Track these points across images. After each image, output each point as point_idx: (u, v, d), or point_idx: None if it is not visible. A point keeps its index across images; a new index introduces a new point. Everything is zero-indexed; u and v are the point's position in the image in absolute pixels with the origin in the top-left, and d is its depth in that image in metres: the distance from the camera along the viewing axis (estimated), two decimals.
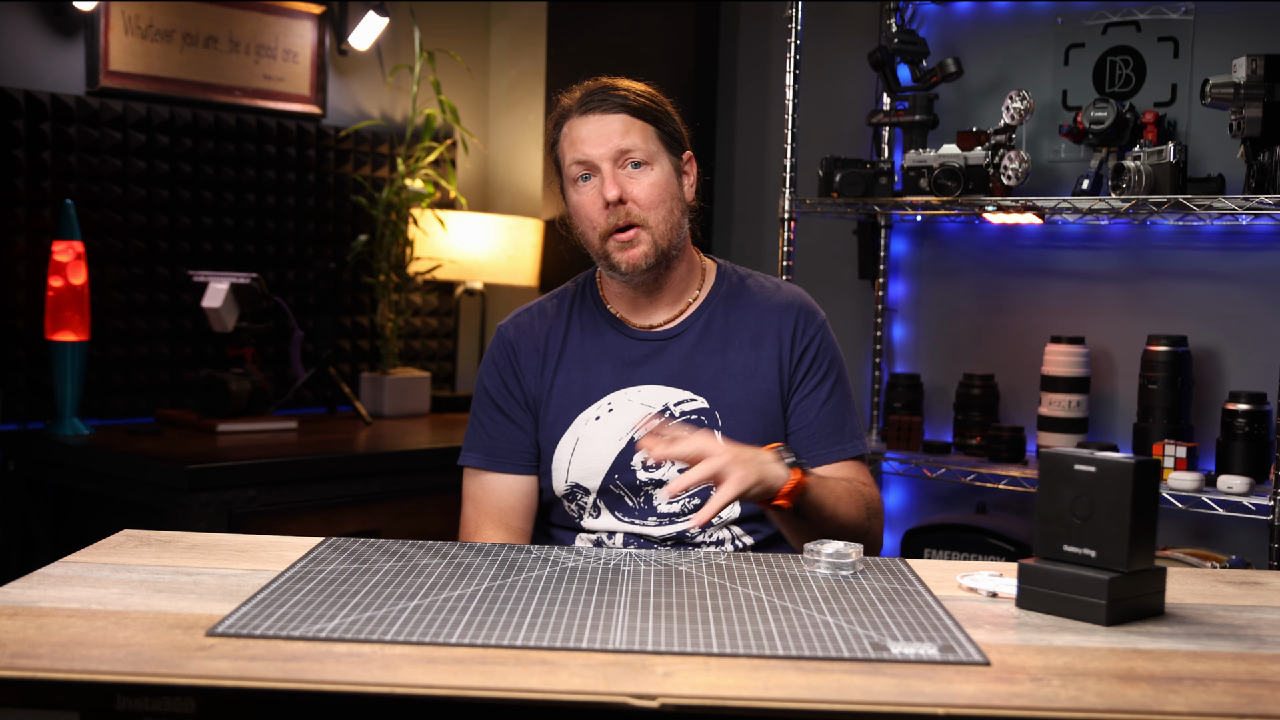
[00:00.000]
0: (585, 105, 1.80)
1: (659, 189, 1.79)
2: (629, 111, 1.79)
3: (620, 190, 1.76)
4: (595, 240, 1.80)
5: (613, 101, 1.79)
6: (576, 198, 1.81)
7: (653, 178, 1.79)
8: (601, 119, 1.79)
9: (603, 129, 1.78)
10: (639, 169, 1.79)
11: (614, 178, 1.77)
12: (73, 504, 3.05)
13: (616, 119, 1.79)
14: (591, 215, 1.79)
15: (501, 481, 1.86)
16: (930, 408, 3.23)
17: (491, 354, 1.91)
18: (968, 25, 3.19)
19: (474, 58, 4.05)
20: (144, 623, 1.23)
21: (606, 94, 1.80)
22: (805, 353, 1.86)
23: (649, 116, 1.81)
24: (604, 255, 1.80)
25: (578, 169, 1.80)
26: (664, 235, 1.79)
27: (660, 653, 1.18)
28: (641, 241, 1.78)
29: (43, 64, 3.10)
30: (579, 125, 1.80)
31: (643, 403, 1.82)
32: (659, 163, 1.80)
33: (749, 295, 1.90)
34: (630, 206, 1.77)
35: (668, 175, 1.81)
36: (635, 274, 1.80)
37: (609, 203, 1.76)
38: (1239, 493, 2.53)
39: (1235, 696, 1.10)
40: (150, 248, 3.27)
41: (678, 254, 1.85)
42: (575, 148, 1.79)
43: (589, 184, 1.79)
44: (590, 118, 1.79)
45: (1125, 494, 1.32)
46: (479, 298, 3.98)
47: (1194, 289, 2.85)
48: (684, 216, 1.85)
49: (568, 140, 1.81)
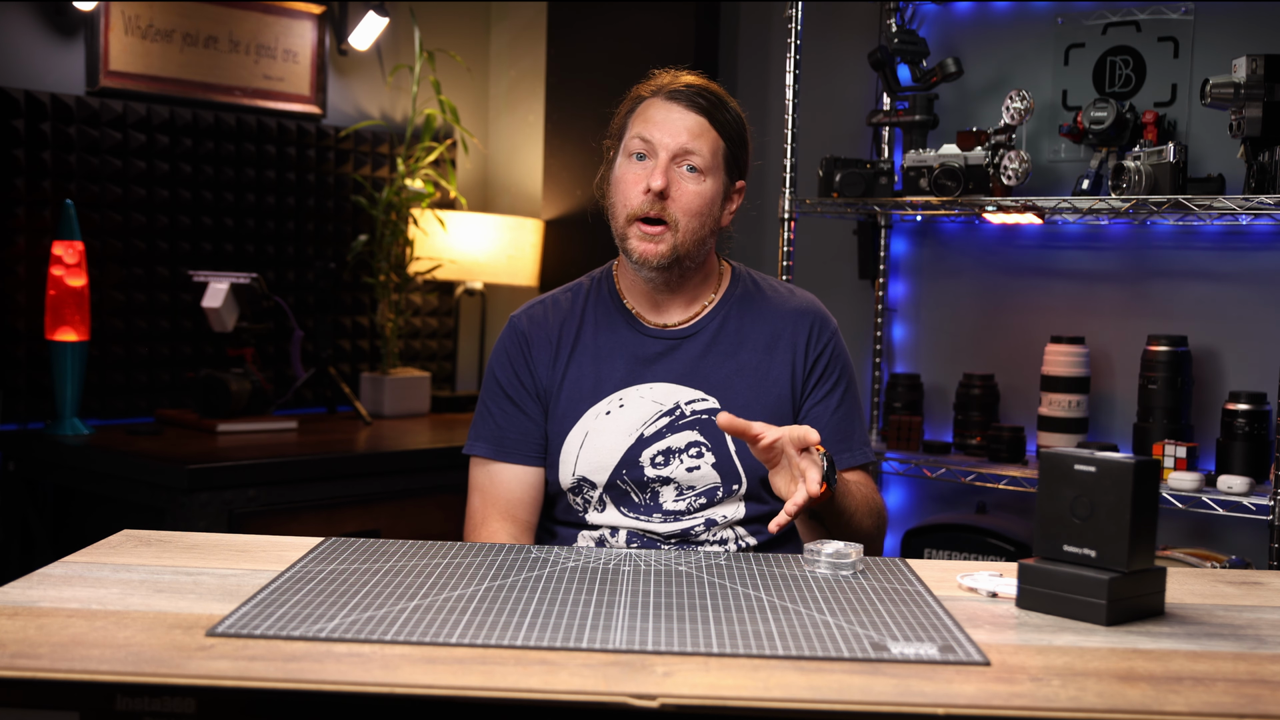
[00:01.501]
0: (675, 94, 1.81)
1: (703, 201, 1.80)
2: (710, 119, 1.80)
3: (667, 184, 1.77)
4: (621, 218, 1.81)
5: (700, 103, 1.81)
6: (624, 170, 1.82)
7: (702, 188, 1.80)
8: (684, 112, 1.80)
9: (681, 121, 1.79)
10: (693, 174, 1.79)
11: (666, 170, 1.78)
12: (73, 504, 3.05)
13: (696, 119, 1.80)
14: (628, 193, 1.80)
15: (510, 472, 1.86)
16: (930, 408, 3.23)
17: (503, 343, 1.91)
18: (968, 25, 3.19)
19: (474, 58, 4.05)
20: (144, 623, 1.23)
21: (699, 93, 1.81)
22: (818, 360, 1.87)
23: (725, 133, 1.82)
24: (623, 237, 1.81)
25: (638, 144, 1.80)
26: (686, 245, 1.80)
27: (660, 653, 1.18)
28: (664, 241, 1.78)
29: (43, 64, 3.10)
30: (660, 106, 1.81)
31: (654, 400, 1.83)
32: (713, 178, 1.81)
33: (764, 300, 1.91)
34: (669, 204, 1.78)
35: (715, 193, 1.82)
36: (645, 267, 1.80)
37: (650, 190, 1.77)
38: (1239, 493, 2.53)
39: (1235, 696, 1.10)
40: (150, 248, 3.27)
41: (694, 264, 1.85)
42: (646, 125, 1.80)
43: (641, 164, 1.80)
44: (674, 105, 1.80)
45: (1125, 494, 1.32)
46: (479, 298, 3.98)
47: (1194, 289, 2.85)
48: (712, 236, 1.85)
49: (642, 115, 1.82)
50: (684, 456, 1.80)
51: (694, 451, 1.81)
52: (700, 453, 1.81)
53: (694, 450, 1.81)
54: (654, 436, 1.81)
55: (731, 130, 1.84)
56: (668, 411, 1.82)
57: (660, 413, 1.82)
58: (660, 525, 1.81)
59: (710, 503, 1.81)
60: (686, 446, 1.81)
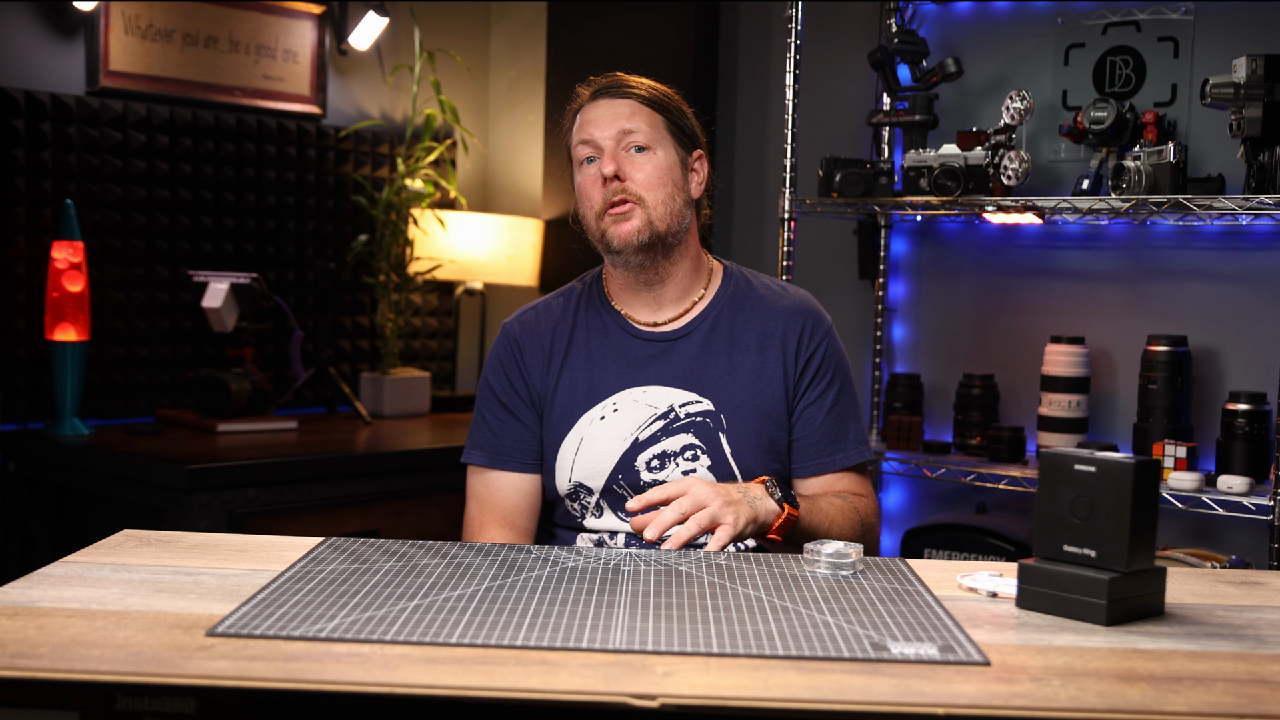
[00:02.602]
0: (597, 93, 1.85)
1: (659, 171, 1.81)
2: (637, 99, 1.83)
3: (617, 167, 1.79)
4: (593, 221, 1.82)
5: (622, 89, 1.84)
6: (579, 180, 1.84)
7: (654, 160, 1.81)
8: (610, 103, 1.83)
9: (610, 111, 1.82)
10: (641, 153, 1.81)
11: (613, 155, 1.80)
12: (73, 504, 3.05)
13: (624, 104, 1.83)
14: (590, 194, 1.82)
15: (506, 479, 1.86)
16: (930, 408, 3.23)
17: (496, 351, 1.91)
18: (968, 25, 3.19)
19: (474, 58, 4.05)
20: (144, 623, 1.23)
21: (617, 83, 1.85)
22: (811, 360, 1.86)
23: (657, 106, 1.84)
24: (600, 235, 1.82)
25: (583, 149, 1.83)
26: (661, 218, 1.80)
27: (660, 653, 1.18)
28: (634, 216, 1.79)
29: (43, 64, 3.10)
30: (589, 110, 1.85)
31: (648, 403, 1.82)
32: (662, 149, 1.83)
33: (756, 298, 1.90)
34: (627, 184, 1.79)
35: (670, 162, 1.83)
36: (628, 251, 1.80)
37: (605, 179, 1.78)
38: (1239, 493, 2.53)
39: (1235, 696, 1.10)
40: (150, 248, 3.27)
41: (677, 244, 1.85)
42: (582, 130, 1.83)
43: (591, 165, 1.82)
44: (600, 103, 1.84)
45: (1125, 494, 1.32)
46: (479, 298, 3.98)
47: (1194, 289, 2.85)
48: (687, 208, 1.85)
49: (578, 125, 1.85)
50: (679, 460, 1.80)
51: (689, 455, 1.80)
52: (695, 456, 1.80)
53: (689, 453, 1.80)
54: (649, 440, 1.81)
55: (664, 103, 1.85)
56: (662, 415, 1.82)
57: (654, 416, 1.81)
58: None
59: None
60: (681, 450, 1.80)
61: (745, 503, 1.65)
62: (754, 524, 1.66)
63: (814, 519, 1.74)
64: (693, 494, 1.62)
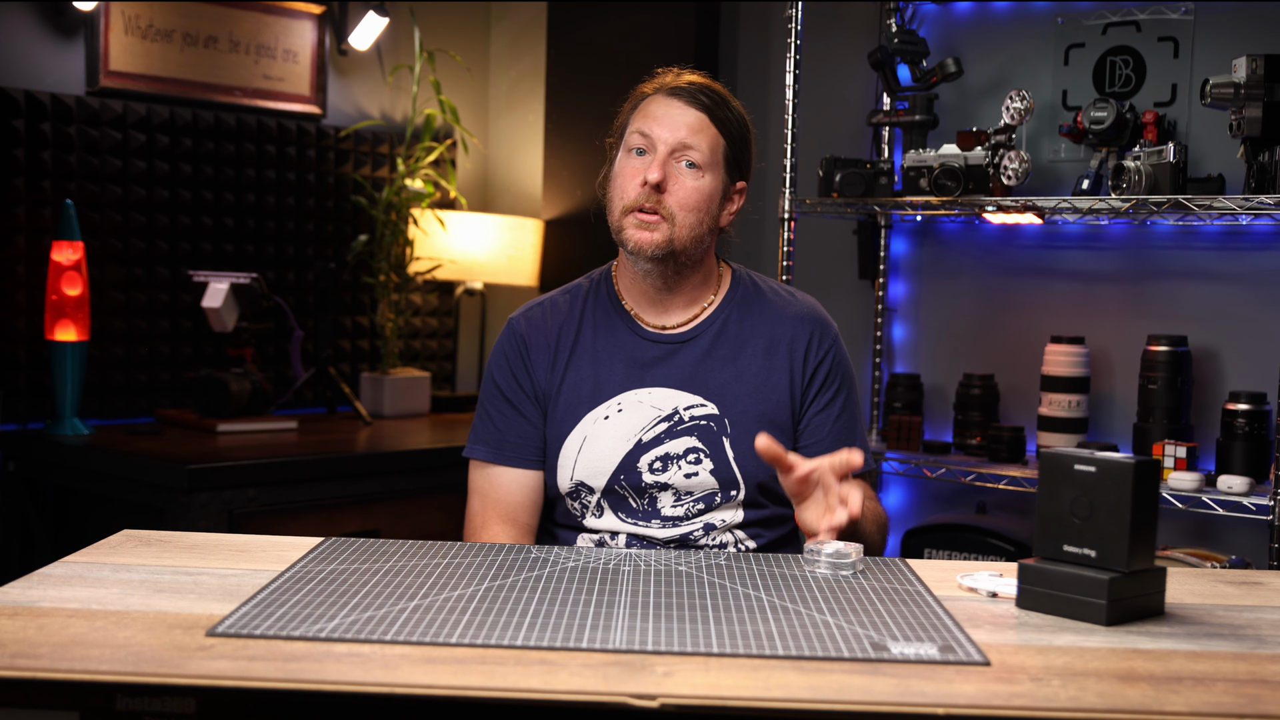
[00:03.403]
0: (676, 90, 1.82)
1: (700, 196, 1.79)
2: (711, 116, 1.81)
3: (664, 177, 1.77)
4: (617, 211, 1.81)
5: (702, 100, 1.81)
6: (622, 165, 1.82)
7: (699, 184, 1.79)
8: (684, 108, 1.80)
9: (680, 116, 1.79)
10: (691, 170, 1.79)
11: (663, 163, 1.78)
12: (73, 504, 3.05)
13: (696, 115, 1.80)
14: (625, 186, 1.80)
15: (509, 475, 1.86)
16: (930, 408, 3.23)
17: (502, 346, 1.90)
18: (968, 25, 3.19)
19: (474, 58, 4.05)
20: (144, 623, 1.23)
21: (701, 89, 1.82)
22: (819, 368, 1.86)
23: (725, 130, 1.82)
24: (619, 229, 1.81)
25: (638, 139, 1.80)
26: (683, 239, 1.79)
27: (660, 653, 1.18)
28: (658, 230, 1.78)
29: (43, 64, 3.10)
30: (660, 103, 1.81)
31: (653, 405, 1.82)
32: (711, 174, 1.81)
33: (764, 303, 1.90)
34: (665, 197, 1.78)
35: (714, 189, 1.81)
36: (640, 256, 1.80)
37: (647, 182, 1.77)
38: (1239, 493, 2.53)
39: (1235, 696, 1.10)
40: (150, 248, 3.27)
41: (691, 262, 1.85)
42: (645, 120, 1.81)
43: (640, 159, 1.80)
44: (674, 101, 1.81)
45: (1125, 494, 1.32)
46: (479, 298, 3.98)
47: (1194, 289, 2.85)
48: (711, 235, 1.84)
49: (643, 111, 1.82)
50: (682, 463, 1.80)
51: (692, 458, 1.80)
52: (699, 459, 1.80)
53: (692, 456, 1.80)
54: (652, 442, 1.81)
55: (733, 129, 1.83)
56: (666, 417, 1.81)
57: (659, 418, 1.81)
58: (659, 531, 1.81)
59: (708, 508, 1.80)
60: (685, 453, 1.80)
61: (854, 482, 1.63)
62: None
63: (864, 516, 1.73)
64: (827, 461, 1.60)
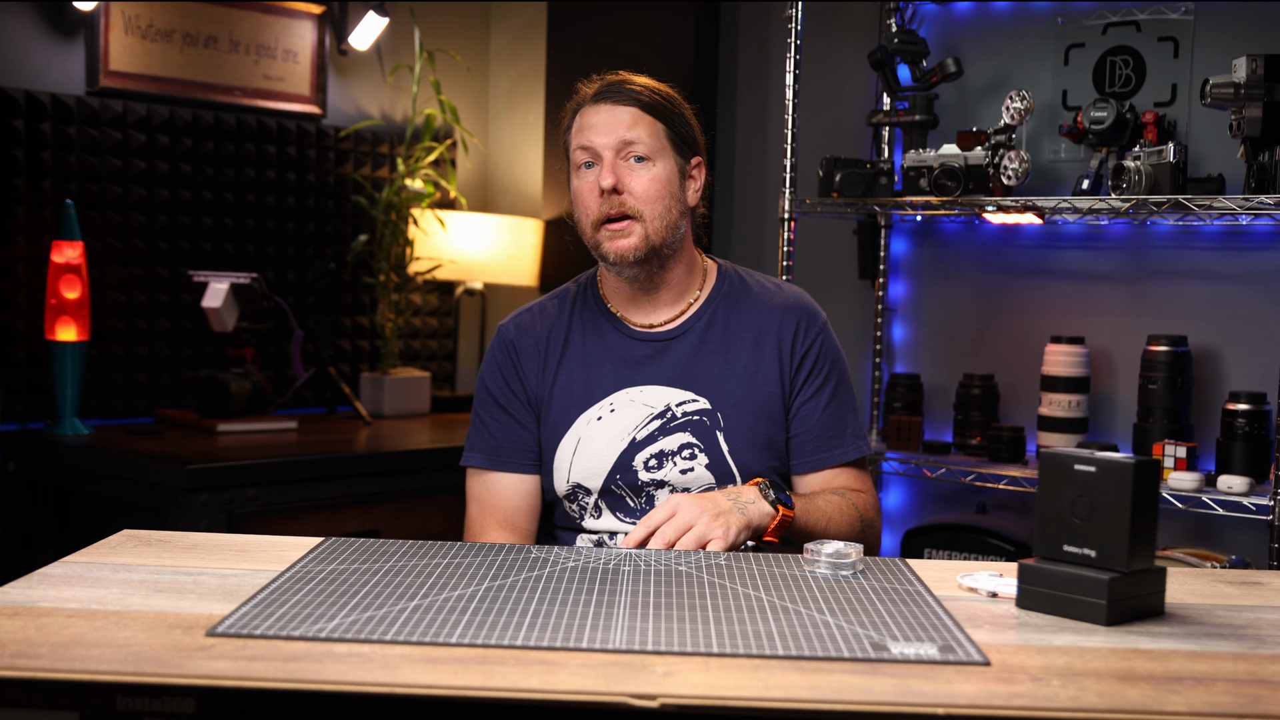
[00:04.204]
0: (599, 95, 1.82)
1: (658, 185, 1.79)
2: (640, 106, 1.80)
3: (617, 180, 1.77)
4: (588, 229, 1.81)
5: (626, 94, 1.81)
6: (576, 184, 1.83)
7: (653, 173, 1.79)
8: (612, 109, 1.80)
9: (611, 119, 1.79)
10: (640, 163, 1.79)
11: (613, 167, 1.78)
12: (73, 504, 3.05)
13: (626, 111, 1.80)
14: (587, 202, 1.80)
15: (506, 481, 1.86)
16: (930, 408, 3.23)
17: (493, 353, 1.91)
18: (968, 25, 3.19)
19: (474, 58, 4.05)
20: (144, 623, 1.23)
21: (620, 86, 1.82)
22: (806, 356, 1.86)
23: (660, 113, 1.82)
24: (595, 245, 1.81)
25: (581, 155, 1.81)
26: (658, 231, 1.79)
27: (660, 653, 1.18)
28: (633, 233, 1.78)
29: (43, 64, 3.10)
30: (590, 113, 1.82)
31: (644, 403, 1.82)
32: (662, 160, 1.81)
33: (750, 296, 1.90)
34: (625, 198, 1.78)
35: (669, 173, 1.81)
36: (623, 265, 1.80)
37: (604, 191, 1.77)
38: (1239, 493, 2.53)
39: (1235, 696, 1.10)
40: (150, 248, 3.27)
41: (672, 253, 1.85)
42: (582, 134, 1.81)
43: (590, 171, 1.81)
44: (601, 107, 1.81)
45: (1125, 494, 1.32)
46: (479, 298, 3.98)
47: (1194, 289, 2.85)
48: (683, 218, 1.85)
49: (578, 126, 1.83)
50: (677, 459, 1.80)
51: (686, 454, 1.81)
52: (693, 454, 1.81)
53: (686, 452, 1.81)
54: (646, 440, 1.81)
55: (664, 110, 1.82)
56: (659, 414, 1.82)
57: (651, 416, 1.82)
58: None
59: None
60: (679, 449, 1.81)
61: (736, 510, 1.65)
62: (748, 530, 1.66)
63: (811, 518, 1.74)
64: (679, 516, 1.62)
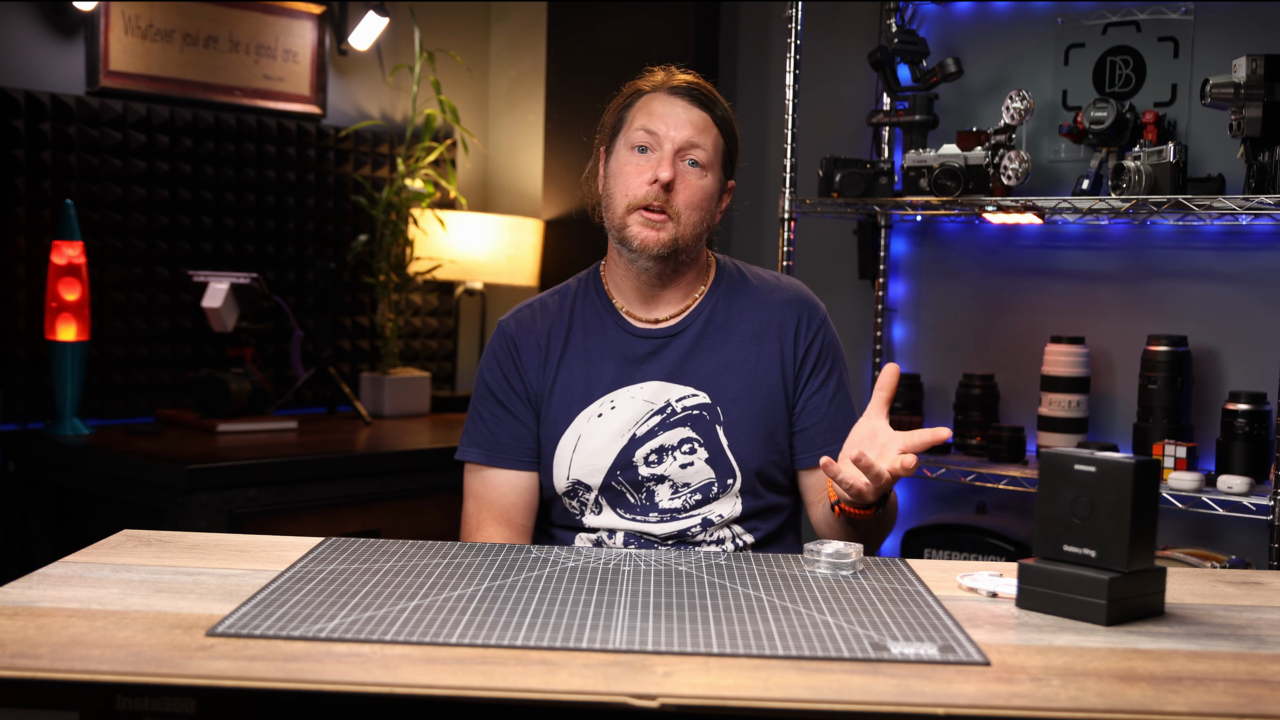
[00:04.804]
0: (678, 89, 1.83)
1: (704, 195, 1.82)
2: (714, 116, 1.83)
3: (673, 176, 1.78)
4: (620, 207, 1.81)
5: (705, 101, 1.83)
6: (625, 161, 1.82)
7: (704, 183, 1.81)
8: (688, 107, 1.82)
9: (686, 115, 1.81)
10: (694, 169, 1.81)
11: (673, 162, 1.79)
12: (73, 504, 3.05)
13: (701, 115, 1.82)
14: (630, 182, 1.80)
15: (503, 477, 1.86)
16: (930, 408, 3.23)
17: (493, 349, 1.91)
18: (968, 25, 3.19)
19: (474, 58, 4.05)
20: (144, 623, 1.23)
21: (701, 90, 1.84)
22: (809, 350, 1.87)
23: (725, 130, 1.85)
24: (623, 226, 1.81)
25: (642, 136, 1.81)
26: (686, 238, 1.81)
27: (660, 653, 1.18)
28: (665, 229, 1.79)
29: (43, 64, 3.10)
30: (665, 101, 1.82)
31: (644, 399, 1.83)
32: (713, 173, 1.83)
33: (749, 290, 1.91)
34: (672, 197, 1.79)
35: (714, 188, 1.84)
36: (644, 255, 1.80)
37: (657, 180, 1.77)
38: (1239, 493, 2.53)
39: (1235, 696, 1.10)
40: (150, 248, 3.27)
41: (688, 259, 1.87)
42: (650, 118, 1.81)
43: (644, 156, 1.80)
44: (678, 100, 1.82)
45: (1125, 494, 1.32)
46: (479, 298, 3.98)
47: (1194, 289, 2.85)
48: (707, 232, 1.87)
49: (645, 109, 1.83)
50: (677, 453, 1.81)
51: (686, 448, 1.81)
52: (693, 449, 1.81)
53: (686, 446, 1.81)
54: (646, 435, 1.81)
55: (729, 129, 1.86)
56: (659, 410, 1.82)
57: (651, 411, 1.82)
58: (657, 526, 1.81)
59: (706, 499, 1.81)
60: (679, 443, 1.81)
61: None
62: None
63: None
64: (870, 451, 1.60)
